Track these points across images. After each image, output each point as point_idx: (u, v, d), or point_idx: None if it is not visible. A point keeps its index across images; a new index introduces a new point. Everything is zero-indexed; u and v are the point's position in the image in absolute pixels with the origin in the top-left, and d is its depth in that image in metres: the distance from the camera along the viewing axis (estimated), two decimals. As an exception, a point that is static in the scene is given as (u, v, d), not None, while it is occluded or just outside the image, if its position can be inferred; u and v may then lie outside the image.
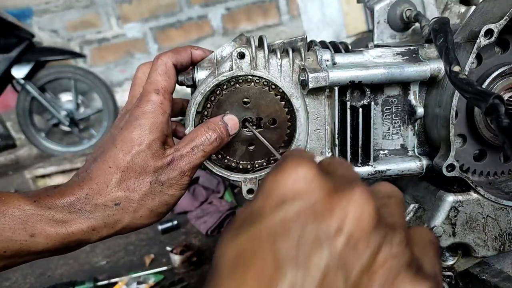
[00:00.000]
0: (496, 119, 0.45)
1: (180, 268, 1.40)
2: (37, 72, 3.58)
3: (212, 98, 0.68)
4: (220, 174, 0.70)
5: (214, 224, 1.66)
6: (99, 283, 1.38)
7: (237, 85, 0.67)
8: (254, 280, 0.28)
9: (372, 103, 0.71)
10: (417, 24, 0.75)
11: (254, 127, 0.70)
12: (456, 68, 0.54)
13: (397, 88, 0.73)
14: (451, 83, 0.55)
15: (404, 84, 0.72)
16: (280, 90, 0.68)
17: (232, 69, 0.66)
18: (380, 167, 0.73)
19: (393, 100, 0.73)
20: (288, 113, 0.70)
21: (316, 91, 0.69)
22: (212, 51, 0.70)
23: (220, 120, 0.66)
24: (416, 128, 0.75)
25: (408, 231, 0.35)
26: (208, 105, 0.68)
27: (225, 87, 0.67)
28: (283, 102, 0.69)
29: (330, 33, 4.53)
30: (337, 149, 0.72)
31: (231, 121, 0.67)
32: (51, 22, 4.25)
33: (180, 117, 0.77)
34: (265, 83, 0.68)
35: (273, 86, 0.68)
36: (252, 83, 0.68)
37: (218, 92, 0.67)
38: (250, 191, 0.71)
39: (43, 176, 2.57)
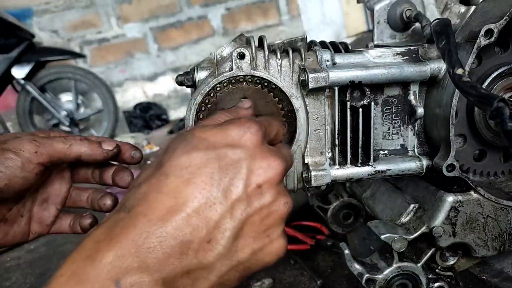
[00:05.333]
0: (500, 123, 0.45)
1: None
2: (37, 72, 3.58)
3: (211, 94, 0.68)
4: None
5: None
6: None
7: (237, 84, 0.67)
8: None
9: (372, 103, 0.71)
10: (417, 24, 0.75)
11: None
12: (460, 71, 0.54)
13: (397, 88, 0.73)
14: (455, 86, 0.55)
15: (404, 84, 0.72)
16: (279, 91, 0.68)
17: (232, 69, 0.66)
18: (380, 167, 0.73)
19: (393, 100, 0.73)
20: (285, 116, 0.70)
21: (316, 91, 0.69)
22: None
23: None
24: (416, 128, 0.75)
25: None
26: (207, 100, 0.68)
27: (225, 85, 0.67)
28: (281, 105, 0.69)
29: (330, 33, 4.53)
30: (337, 149, 0.72)
31: None
32: (51, 22, 4.25)
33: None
34: (265, 84, 0.68)
35: (273, 87, 0.68)
36: (252, 84, 0.68)
37: (218, 88, 0.67)
38: None
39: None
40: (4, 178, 0.57)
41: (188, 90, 0.74)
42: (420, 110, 0.71)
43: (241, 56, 0.65)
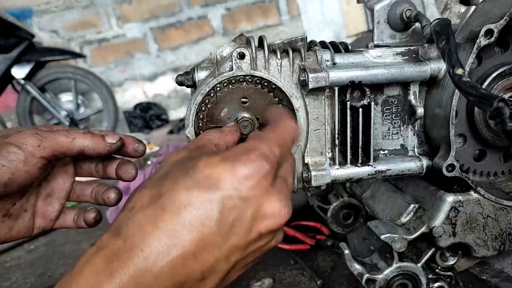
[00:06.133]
0: (500, 123, 0.45)
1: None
2: (37, 72, 3.58)
3: (212, 94, 0.68)
4: None
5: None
6: (99, 283, 1.38)
7: (237, 84, 0.67)
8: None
9: (372, 103, 0.71)
10: (417, 24, 0.75)
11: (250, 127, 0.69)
12: (459, 71, 0.54)
13: (397, 88, 0.73)
14: (455, 86, 0.55)
15: (404, 84, 0.72)
16: (279, 91, 0.68)
17: (232, 69, 0.66)
18: (380, 167, 0.73)
19: (393, 100, 0.73)
20: None
21: (316, 91, 0.69)
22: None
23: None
24: (416, 128, 0.75)
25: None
26: (207, 100, 0.68)
27: (225, 85, 0.67)
28: (281, 105, 0.69)
29: (330, 33, 4.53)
30: (337, 149, 0.72)
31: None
32: (51, 22, 4.25)
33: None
34: (265, 84, 0.68)
35: (273, 87, 0.68)
36: (252, 84, 0.68)
37: (218, 88, 0.67)
38: None
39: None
40: (8, 172, 0.56)
41: (188, 90, 0.74)
42: (420, 110, 0.71)
43: (241, 56, 0.65)
